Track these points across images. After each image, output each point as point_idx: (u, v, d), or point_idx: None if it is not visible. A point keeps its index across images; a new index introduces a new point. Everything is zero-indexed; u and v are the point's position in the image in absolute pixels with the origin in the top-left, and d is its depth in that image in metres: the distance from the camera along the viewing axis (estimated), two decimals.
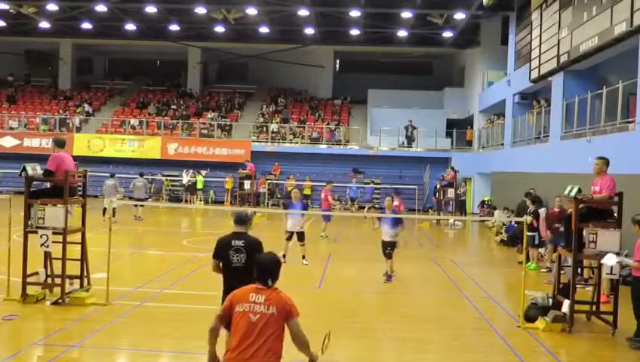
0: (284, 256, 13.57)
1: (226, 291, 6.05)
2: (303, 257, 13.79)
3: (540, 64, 20.91)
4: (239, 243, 6.23)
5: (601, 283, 9.92)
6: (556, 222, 13.42)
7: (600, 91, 16.38)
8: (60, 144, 9.75)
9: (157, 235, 19.69)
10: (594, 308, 9.57)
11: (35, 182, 9.79)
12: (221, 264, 6.36)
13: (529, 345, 8.34)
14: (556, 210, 13.89)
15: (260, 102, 37.90)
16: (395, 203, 19.08)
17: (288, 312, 4.40)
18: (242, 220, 6.42)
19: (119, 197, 20.57)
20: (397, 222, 12.31)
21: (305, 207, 14.77)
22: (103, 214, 19.75)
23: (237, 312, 4.41)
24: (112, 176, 22.40)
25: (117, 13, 31.22)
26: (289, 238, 13.88)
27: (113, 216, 18.55)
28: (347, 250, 17.40)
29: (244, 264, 6.13)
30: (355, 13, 29.20)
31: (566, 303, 9.01)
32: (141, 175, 24.17)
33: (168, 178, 31.48)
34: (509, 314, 9.96)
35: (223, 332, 4.68)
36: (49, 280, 9.75)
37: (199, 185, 31.08)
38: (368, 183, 31.18)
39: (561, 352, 8.17)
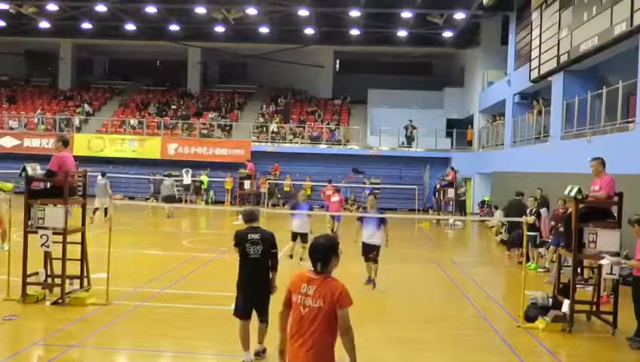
0: (290, 256, 13.42)
1: (241, 279, 6.98)
2: (301, 259, 13.31)
3: (539, 64, 20.90)
4: (255, 236, 6.93)
5: (602, 283, 9.91)
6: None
7: (600, 91, 16.38)
8: (65, 143, 9.77)
9: (157, 235, 19.69)
10: (594, 308, 9.56)
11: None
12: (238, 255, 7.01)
13: (529, 345, 8.33)
14: (561, 210, 13.81)
15: (260, 102, 37.90)
16: (335, 198, 18.48)
17: (337, 301, 4.28)
18: (253, 216, 7.11)
19: (118, 197, 20.58)
20: (381, 222, 11.51)
21: (311, 208, 14.47)
22: (93, 213, 19.31)
23: (293, 302, 4.44)
24: (104, 175, 22.17)
25: (117, 13, 31.23)
26: (294, 238, 13.63)
27: (105, 215, 18.49)
28: (346, 249, 17.35)
29: (260, 255, 6.91)
30: (355, 13, 29.20)
31: (566, 303, 9.01)
32: (169, 175, 25.42)
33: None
34: (509, 314, 9.95)
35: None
36: (49, 280, 9.74)
37: (203, 185, 31.15)
38: (365, 183, 31.14)
39: (561, 352, 8.17)
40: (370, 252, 11.48)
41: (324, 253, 4.42)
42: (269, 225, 6.97)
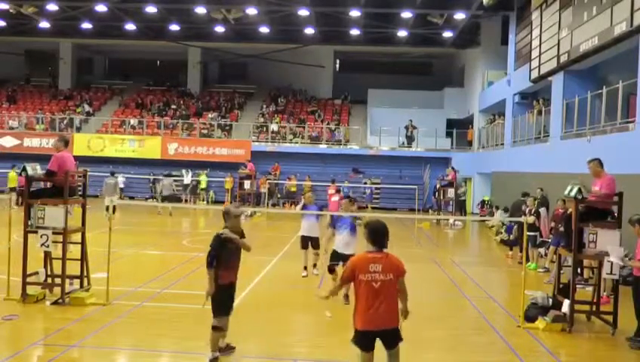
0: (305, 268, 12.44)
1: None
2: (314, 266, 12.57)
3: (540, 64, 20.91)
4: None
5: (602, 283, 9.91)
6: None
7: (600, 91, 16.38)
8: (64, 143, 9.77)
9: (157, 235, 19.68)
10: (594, 308, 9.56)
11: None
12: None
13: (529, 345, 8.33)
14: (560, 210, 13.78)
15: (260, 102, 37.91)
16: (335, 198, 17.50)
17: (401, 272, 5.48)
18: (223, 215, 7.19)
19: (122, 197, 20.84)
20: (355, 226, 10.15)
21: (321, 209, 13.65)
22: (107, 210, 19.68)
23: (360, 280, 5.35)
24: (113, 174, 22.52)
25: (117, 13, 31.23)
26: (305, 246, 12.38)
27: (107, 211, 18.52)
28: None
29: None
30: (355, 13, 29.20)
31: (566, 303, 9.00)
32: (169, 175, 26.27)
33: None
34: (509, 314, 9.95)
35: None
36: (49, 280, 9.74)
37: (202, 185, 31.16)
38: (365, 183, 31.16)
39: (561, 352, 8.16)
40: (343, 262, 9.32)
41: (384, 233, 5.45)
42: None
